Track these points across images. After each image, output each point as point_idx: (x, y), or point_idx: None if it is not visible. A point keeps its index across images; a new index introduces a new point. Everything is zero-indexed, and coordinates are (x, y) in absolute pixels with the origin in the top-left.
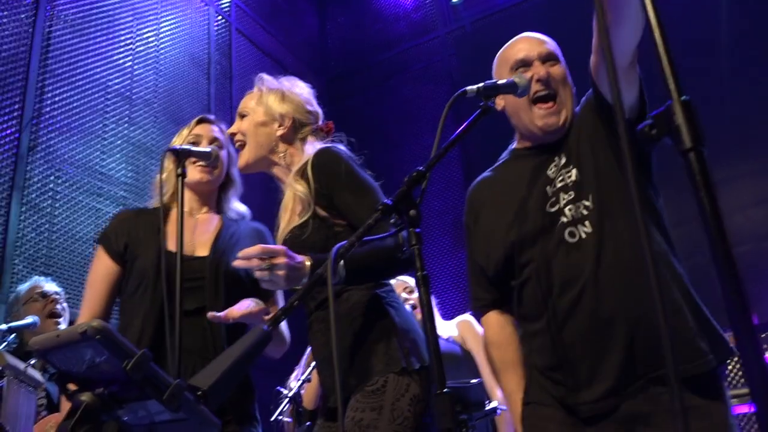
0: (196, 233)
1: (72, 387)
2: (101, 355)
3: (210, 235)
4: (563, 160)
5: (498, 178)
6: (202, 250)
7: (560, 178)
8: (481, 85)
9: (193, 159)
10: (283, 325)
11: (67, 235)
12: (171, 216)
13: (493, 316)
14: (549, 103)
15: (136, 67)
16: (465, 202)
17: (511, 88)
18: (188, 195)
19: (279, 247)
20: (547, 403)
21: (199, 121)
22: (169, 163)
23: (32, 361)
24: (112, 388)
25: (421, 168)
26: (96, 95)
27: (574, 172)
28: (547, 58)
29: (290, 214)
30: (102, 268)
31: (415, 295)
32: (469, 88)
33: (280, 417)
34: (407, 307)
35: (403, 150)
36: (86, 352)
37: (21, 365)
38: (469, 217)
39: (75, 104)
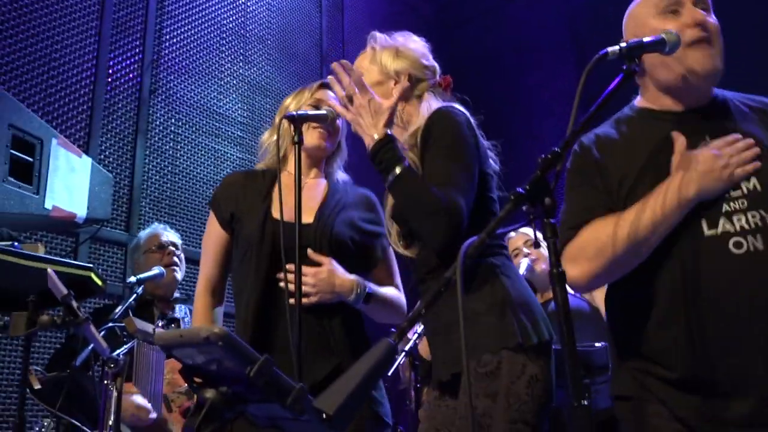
0: (303, 199)
1: (197, 380)
2: (224, 359)
3: (316, 201)
4: None
5: (625, 137)
6: (308, 217)
7: None
8: (623, 44)
9: (313, 124)
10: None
11: (189, 176)
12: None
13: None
14: (708, 48)
15: (248, 3)
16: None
17: (658, 46)
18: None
19: (368, 90)
20: (649, 399)
21: (321, 86)
22: (284, 126)
23: (160, 323)
24: (236, 388)
25: (556, 148)
26: (211, 34)
27: (752, 179)
28: (699, 2)
29: None
30: (213, 233)
31: (538, 249)
32: (610, 49)
33: (398, 371)
34: (526, 261)
35: (521, 81)
36: (209, 353)
37: (149, 328)
38: (586, 162)
39: (192, 45)
